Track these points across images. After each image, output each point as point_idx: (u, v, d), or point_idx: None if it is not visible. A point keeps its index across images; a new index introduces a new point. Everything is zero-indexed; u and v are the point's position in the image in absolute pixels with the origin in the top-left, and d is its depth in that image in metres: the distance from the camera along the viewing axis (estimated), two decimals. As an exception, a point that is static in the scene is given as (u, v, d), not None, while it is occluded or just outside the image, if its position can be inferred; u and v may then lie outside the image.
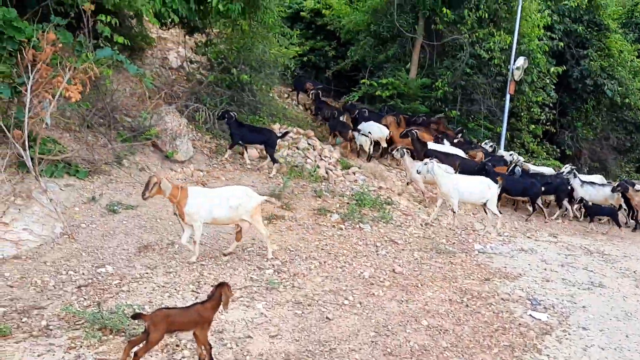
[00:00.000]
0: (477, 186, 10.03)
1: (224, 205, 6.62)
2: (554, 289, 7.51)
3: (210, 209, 6.56)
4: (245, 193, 6.85)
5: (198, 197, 6.55)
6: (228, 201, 6.65)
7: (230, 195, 6.74)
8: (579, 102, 20.35)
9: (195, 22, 11.17)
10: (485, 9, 15.94)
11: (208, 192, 6.83)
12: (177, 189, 6.41)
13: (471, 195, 10.03)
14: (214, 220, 6.69)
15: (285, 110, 13.70)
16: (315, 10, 19.41)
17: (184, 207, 6.41)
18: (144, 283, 6.01)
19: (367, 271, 7.17)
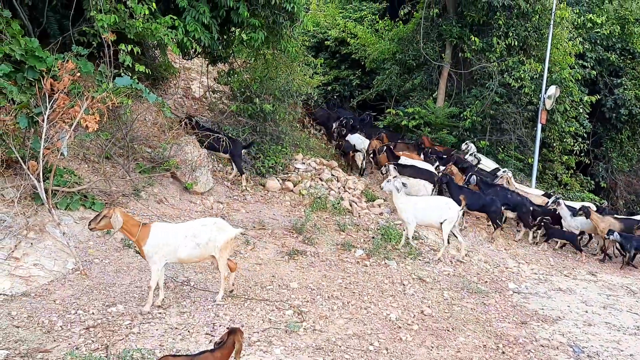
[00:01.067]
0: (435, 207, 9.40)
1: (190, 243, 6.00)
2: (597, 334, 6.95)
3: (175, 248, 5.93)
4: (215, 226, 6.18)
5: (161, 235, 5.90)
6: (195, 238, 6.01)
7: (198, 230, 6.09)
8: (613, 132, 19.67)
9: (218, 52, 11.01)
10: (514, 37, 15.56)
11: (173, 229, 6.12)
12: (136, 225, 5.83)
13: (429, 217, 9.36)
14: (180, 260, 6.10)
15: (309, 141, 13.41)
16: (339, 39, 19.27)
17: (144, 246, 5.83)
18: (156, 324, 5.66)
19: (394, 313, 6.72)
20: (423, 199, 9.77)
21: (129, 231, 5.81)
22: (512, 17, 15.77)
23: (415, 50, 17.00)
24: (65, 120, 7.05)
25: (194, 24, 9.40)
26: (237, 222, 8.96)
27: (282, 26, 10.72)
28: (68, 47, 8.17)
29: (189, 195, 9.19)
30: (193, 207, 8.99)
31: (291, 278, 7.31)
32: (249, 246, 8.08)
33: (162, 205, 8.46)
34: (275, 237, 8.74)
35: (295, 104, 12.51)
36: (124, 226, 5.74)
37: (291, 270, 7.59)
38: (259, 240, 8.38)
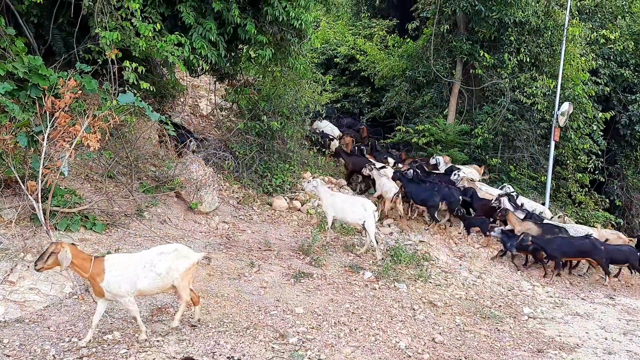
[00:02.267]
0: (352, 206, 9.35)
1: (150, 273, 5.48)
2: (618, 363, 6.62)
3: (133, 281, 5.40)
4: (177, 253, 5.70)
5: (117, 268, 5.35)
6: (154, 268, 5.50)
7: (156, 259, 5.56)
8: (628, 149, 19.28)
9: (225, 69, 10.88)
10: (526, 53, 15.33)
11: (129, 260, 5.55)
12: (88, 260, 5.26)
13: (345, 215, 9.38)
14: (140, 292, 5.57)
15: (317, 159, 13.20)
16: (349, 56, 19.16)
17: (101, 282, 5.26)
18: (153, 353, 5.41)
19: (404, 340, 6.42)
20: (343, 199, 9.72)
21: (81, 267, 5.24)
22: (523, 33, 15.57)
23: (426, 67, 16.83)
24: (66, 139, 6.89)
25: (201, 41, 9.29)
26: (243, 243, 8.75)
27: (290, 43, 10.59)
28: (73, 64, 8.05)
29: (193, 215, 8.99)
30: (197, 227, 8.78)
31: (296, 302, 7.04)
32: (254, 268, 7.83)
33: (165, 226, 8.25)
34: (281, 258, 8.49)
35: (304, 122, 12.33)
36: (74, 262, 5.17)
37: (297, 294, 7.32)
38: (264, 262, 8.14)
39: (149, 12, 8.89)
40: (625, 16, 19.43)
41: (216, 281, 7.18)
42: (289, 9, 9.76)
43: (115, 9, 8.27)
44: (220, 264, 7.73)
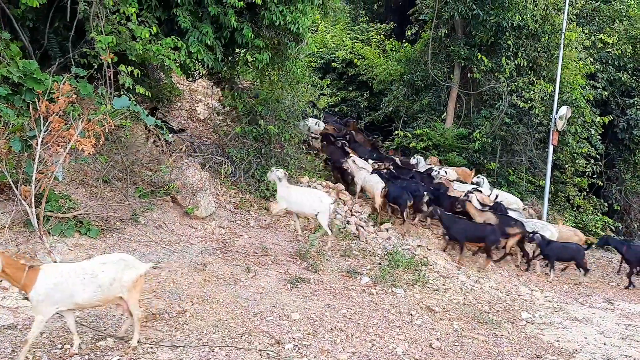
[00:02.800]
0: (308, 199, 9.50)
1: (90, 285, 5.08)
2: (617, 369, 6.56)
3: (70, 293, 5.00)
4: (122, 264, 5.32)
5: (51, 279, 4.95)
6: (96, 279, 5.11)
7: (99, 269, 5.18)
8: (626, 153, 19.26)
9: (222, 73, 10.84)
10: (524, 57, 15.33)
11: (67, 270, 5.11)
12: (21, 269, 4.87)
13: (301, 207, 9.55)
14: (78, 306, 5.15)
15: (315, 163, 13.14)
16: (347, 61, 19.14)
17: (29, 292, 4.90)
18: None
19: (401, 346, 6.36)
20: (300, 191, 9.86)
21: (12, 276, 4.87)
22: (521, 37, 15.57)
23: (424, 71, 16.82)
24: (60, 143, 6.84)
25: (197, 45, 9.25)
26: (239, 248, 8.68)
27: (287, 47, 10.56)
28: (69, 69, 8.02)
29: (189, 220, 8.92)
30: (193, 232, 8.72)
31: (293, 308, 6.97)
32: (250, 274, 7.77)
33: (161, 231, 8.19)
34: (278, 263, 8.43)
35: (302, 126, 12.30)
36: (6, 270, 4.80)
37: (293, 300, 7.26)
38: (260, 267, 8.08)
39: (145, 16, 8.87)
40: (622, 20, 19.42)
41: (212, 287, 7.12)
42: (286, 13, 9.74)
43: (111, 13, 8.25)
44: (216, 269, 7.66)
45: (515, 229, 10.71)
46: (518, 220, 10.98)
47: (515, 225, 10.75)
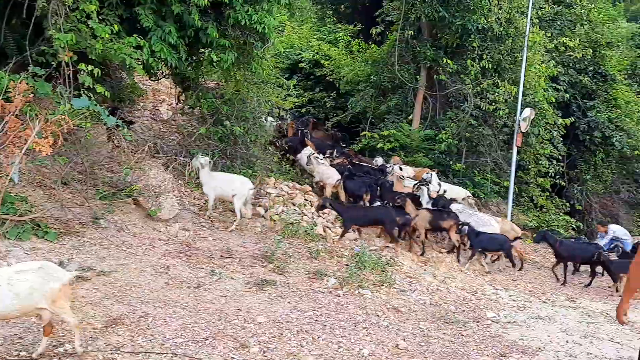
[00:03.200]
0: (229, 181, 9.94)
1: (6, 294, 4.65)
2: (579, 366, 6.64)
3: None
4: (42, 272, 4.90)
5: None
6: (12, 288, 4.69)
7: (15, 278, 4.72)
8: (587, 154, 19.74)
9: (186, 73, 10.66)
10: (488, 60, 15.52)
11: None
12: None
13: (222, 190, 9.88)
14: None
15: (281, 164, 13.06)
16: (314, 61, 19.09)
17: None
18: (107, 366, 5.17)
19: (367, 347, 6.31)
20: (222, 175, 10.14)
21: None
22: (486, 40, 15.76)
23: (390, 73, 16.88)
24: (16, 144, 6.61)
25: (160, 44, 9.08)
26: (204, 250, 8.53)
27: (253, 47, 10.45)
28: (26, 67, 7.76)
29: (152, 223, 8.73)
30: (157, 234, 8.54)
31: (258, 311, 6.87)
32: (215, 277, 7.63)
33: (122, 234, 7.99)
34: (244, 266, 8.31)
35: (270, 126, 12.19)
36: None
37: (259, 302, 7.15)
38: (225, 270, 7.94)
39: (106, 14, 8.66)
40: (583, 24, 19.90)
41: (175, 290, 6.96)
42: (251, 13, 9.64)
43: (70, 10, 8.02)
44: (179, 272, 7.51)
45: (449, 221, 10.90)
46: (451, 212, 11.20)
47: (448, 218, 10.95)
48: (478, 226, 11.21)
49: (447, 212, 11.27)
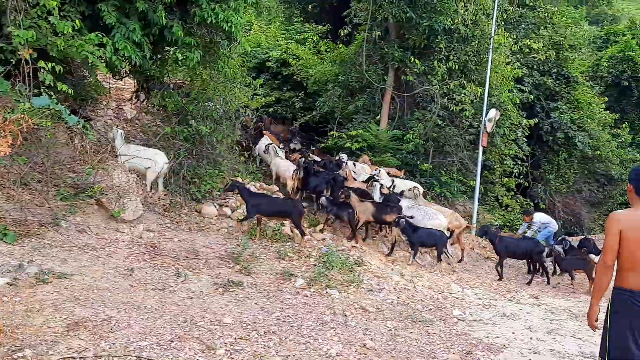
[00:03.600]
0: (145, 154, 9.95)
1: None
2: (542, 363, 6.74)
3: None
4: None
5: None
6: None
7: None
8: (550, 154, 20.17)
9: (151, 71, 10.47)
10: (455, 60, 15.69)
11: None
12: None
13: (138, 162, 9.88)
14: None
15: (248, 164, 12.95)
16: (281, 60, 18.99)
17: None
18: (68, 371, 5.03)
19: (335, 347, 6.28)
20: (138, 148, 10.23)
21: None
22: (452, 41, 15.94)
23: (358, 73, 16.91)
24: (-28, 143, 6.38)
25: (124, 42, 8.89)
26: (169, 252, 8.39)
27: (220, 46, 10.32)
28: (-16, 65, 7.52)
29: (115, 224, 8.54)
30: (120, 236, 8.36)
31: (225, 312, 6.78)
32: (180, 278, 7.51)
33: (84, 235, 7.80)
34: (210, 267, 8.20)
35: (234, 126, 12.05)
36: None
37: (225, 304, 7.07)
38: (191, 272, 7.82)
39: (68, 11, 8.44)
40: (547, 27, 20.31)
41: (139, 292, 6.82)
42: (218, 11, 9.51)
43: (30, 6, 7.80)
44: (144, 274, 7.37)
45: (392, 215, 10.94)
46: (395, 207, 11.26)
47: (391, 212, 11.01)
48: (425, 220, 11.35)
49: (391, 205, 11.32)
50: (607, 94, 25.34)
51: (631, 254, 4.22)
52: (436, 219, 11.43)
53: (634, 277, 4.26)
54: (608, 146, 21.05)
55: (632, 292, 4.26)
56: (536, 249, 11.35)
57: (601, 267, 4.35)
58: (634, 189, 4.39)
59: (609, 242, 4.27)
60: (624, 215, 4.33)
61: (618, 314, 4.35)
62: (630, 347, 4.26)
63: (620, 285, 4.36)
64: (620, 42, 28.36)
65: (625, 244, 4.22)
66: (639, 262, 4.22)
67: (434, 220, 11.34)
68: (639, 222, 4.25)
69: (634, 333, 4.26)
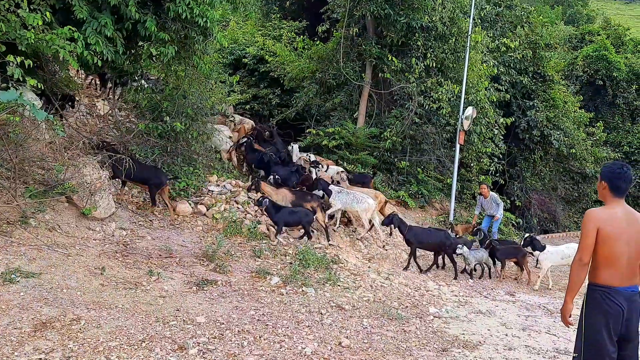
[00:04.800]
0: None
1: None
2: (517, 359, 6.74)
3: None
4: None
5: None
6: None
7: None
8: (527, 152, 20.35)
9: (124, 67, 10.26)
10: (432, 58, 15.71)
11: None
12: None
13: None
14: None
15: (224, 162, 12.80)
16: (258, 57, 18.85)
17: None
18: (34, 373, 4.88)
19: (310, 346, 6.22)
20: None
21: None
22: (430, 38, 15.96)
23: (335, 70, 16.85)
24: None
25: (96, 37, 8.67)
26: (141, 250, 8.24)
27: (195, 41, 10.15)
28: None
29: (87, 222, 8.36)
30: (92, 234, 8.18)
31: (198, 311, 6.67)
32: (153, 277, 7.37)
33: (54, 233, 7.61)
34: (184, 265, 8.07)
35: (211, 123, 11.89)
36: None
37: (199, 303, 6.95)
38: (164, 270, 7.69)
39: (38, 4, 8.21)
40: (524, 26, 20.44)
41: (110, 292, 6.68)
42: (192, 6, 9.33)
43: (-2, -1, 7.57)
44: (115, 273, 7.22)
45: (312, 202, 10.85)
46: (314, 195, 11.21)
47: (311, 200, 10.93)
48: (354, 203, 11.36)
49: (310, 193, 11.24)
50: (582, 93, 25.71)
51: (608, 250, 4.26)
52: (365, 202, 11.35)
53: (610, 274, 4.29)
54: (583, 144, 21.32)
55: (608, 288, 4.29)
56: (447, 240, 11.08)
57: (577, 264, 4.35)
58: (608, 186, 4.42)
59: (585, 240, 4.29)
60: (600, 212, 4.35)
61: (593, 310, 4.37)
62: (605, 343, 4.28)
63: (595, 281, 4.38)
64: (595, 42, 28.81)
65: (603, 240, 4.25)
66: (615, 259, 4.26)
67: (362, 204, 11.27)
68: (615, 220, 4.30)
69: (608, 329, 4.28)
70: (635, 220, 4.36)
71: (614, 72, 26.20)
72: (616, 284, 4.29)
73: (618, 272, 4.29)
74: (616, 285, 4.29)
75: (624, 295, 4.28)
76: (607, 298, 4.29)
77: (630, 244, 4.28)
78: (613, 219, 4.30)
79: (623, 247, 4.27)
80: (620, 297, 4.27)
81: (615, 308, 4.27)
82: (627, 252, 4.28)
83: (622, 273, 4.29)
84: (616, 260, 4.27)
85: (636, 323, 4.38)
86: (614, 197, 4.41)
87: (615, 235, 4.25)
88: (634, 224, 4.33)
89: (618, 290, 4.28)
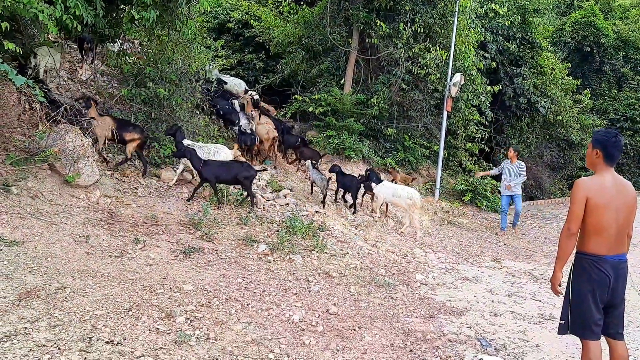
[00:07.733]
0: None
1: None
2: (503, 324, 6.81)
3: None
4: None
5: None
6: None
7: None
8: (513, 119, 20.30)
9: (105, 31, 9.98)
10: (420, 23, 15.48)
11: None
12: None
13: None
14: None
15: (209, 128, 12.63)
16: (243, 21, 18.47)
17: None
18: (20, 342, 4.81)
19: (298, 313, 6.22)
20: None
21: None
22: (418, 3, 15.68)
23: (322, 35, 16.57)
24: None
25: (75, 0, 8.39)
26: (127, 218, 8.14)
27: (178, 5, 9.87)
28: None
29: (70, 189, 8.21)
30: (75, 202, 8.04)
31: (185, 279, 6.63)
32: (139, 245, 7.30)
33: (37, 201, 7.46)
34: (170, 233, 8.00)
35: (194, 89, 11.67)
36: None
37: (186, 271, 6.91)
38: (150, 238, 7.61)
39: (14, -34, 7.90)
40: (513, -10, 20.16)
41: (95, 260, 6.60)
42: (175, -33, 9.07)
43: (-27, -40, 7.26)
44: (100, 241, 7.13)
45: (134, 134, 9.92)
46: (137, 126, 10.32)
47: (133, 131, 10.01)
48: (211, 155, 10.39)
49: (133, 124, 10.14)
50: (570, 60, 25.60)
51: (597, 220, 4.27)
52: (222, 152, 10.58)
53: (598, 242, 4.31)
54: (569, 112, 21.32)
55: (596, 257, 4.32)
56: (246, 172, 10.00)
57: (565, 233, 4.35)
58: (602, 154, 4.39)
59: (574, 209, 4.29)
60: (590, 182, 4.34)
61: (580, 278, 4.40)
62: (592, 311, 4.33)
63: (583, 250, 4.40)
64: (583, 8, 28.61)
65: (592, 210, 4.26)
66: (604, 228, 4.27)
67: (219, 155, 10.47)
68: (605, 189, 4.30)
69: (595, 297, 4.32)
70: (624, 188, 4.37)
71: (602, 39, 26.10)
72: (604, 253, 4.31)
73: (606, 241, 4.31)
74: (604, 254, 4.31)
75: (610, 264, 4.31)
76: (594, 266, 4.32)
77: (619, 213, 4.30)
78: (603, 189, 4.29)
79: (612, 216, 4.28)
80: (607, 265, 4.30)
81: (602, 276, 4.30)
82: (616, 220, 4.29)
83: (610, 242, 4.31)
84: (605, 230, 4.28)
85: (622, 290, 4.42)
86: (606, 165, 4.40)
87: (604, 205, 4.25)
88: (622, 193, 4.34)
89: (605, 259, 4.31)
